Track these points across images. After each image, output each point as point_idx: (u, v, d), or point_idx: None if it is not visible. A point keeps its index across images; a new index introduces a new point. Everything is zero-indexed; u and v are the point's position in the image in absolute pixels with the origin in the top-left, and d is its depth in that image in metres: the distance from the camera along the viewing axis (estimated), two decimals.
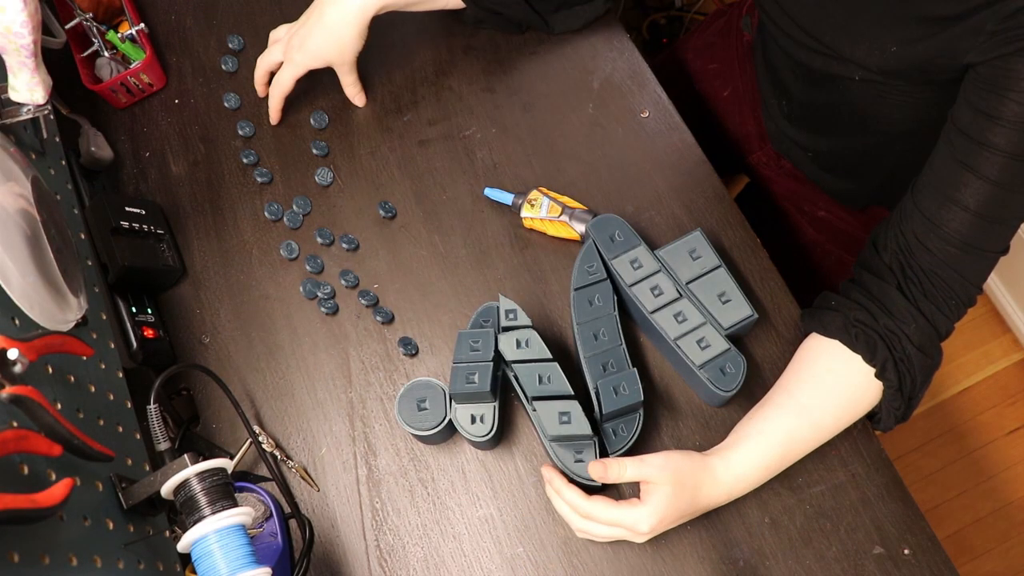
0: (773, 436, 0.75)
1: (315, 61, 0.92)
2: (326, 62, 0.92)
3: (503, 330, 0.78)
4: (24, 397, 0.55)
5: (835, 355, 0.75)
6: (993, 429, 1.77)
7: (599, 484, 0.75)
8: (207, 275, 0.93)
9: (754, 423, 0.75)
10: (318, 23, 0.90)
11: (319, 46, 0.91)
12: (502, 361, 0.79)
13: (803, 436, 0.75)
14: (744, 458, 0.74)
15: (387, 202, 0.93)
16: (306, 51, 0.91)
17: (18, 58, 0.74)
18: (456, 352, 0.78)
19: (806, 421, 0.75)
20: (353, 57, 0.93)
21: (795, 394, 0.76)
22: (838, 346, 0.75)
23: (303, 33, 0.91)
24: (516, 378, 0.78)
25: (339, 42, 0.90)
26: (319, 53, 0.91)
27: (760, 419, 0.75)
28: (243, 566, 0.63)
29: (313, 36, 0.90)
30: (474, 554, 0.80)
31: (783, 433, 0.75)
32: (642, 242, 0.83)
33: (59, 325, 0.67)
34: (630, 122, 0.95)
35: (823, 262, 1.08)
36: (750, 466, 0.74)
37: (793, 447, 0.75)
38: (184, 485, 0.66)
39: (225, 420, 0.87)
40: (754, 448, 0.74)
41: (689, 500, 0.72)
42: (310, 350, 0.89)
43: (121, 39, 0.98)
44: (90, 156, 0.94)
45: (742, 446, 0.74)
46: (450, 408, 0.79)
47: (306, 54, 0.91)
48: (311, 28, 0.90)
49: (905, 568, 0.76)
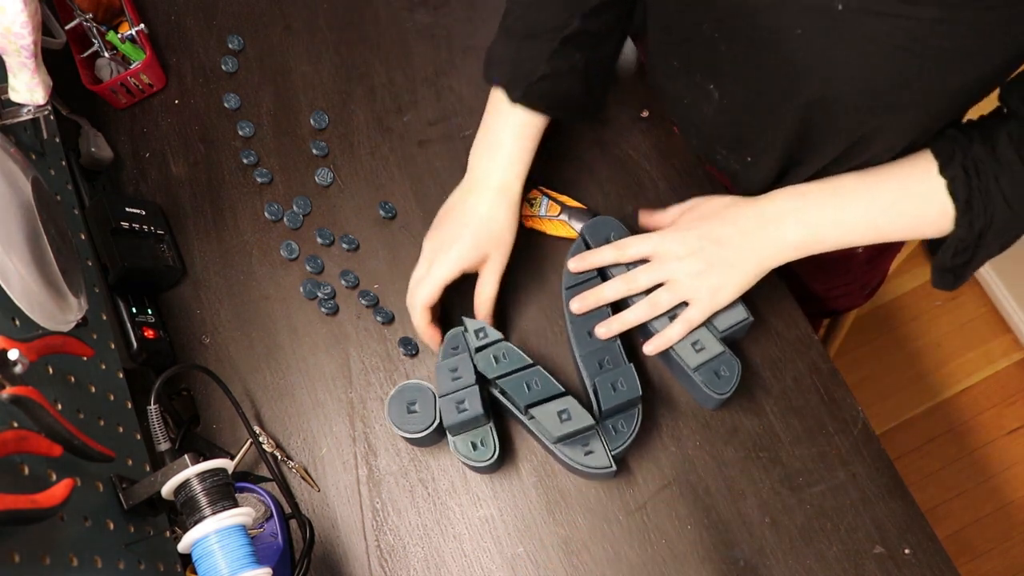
0: (826, 181, 0.71)
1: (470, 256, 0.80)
2: (482, 255, 0.81)
3: (477, 350, 0.79)
4: (24, 397, 0.55)
5: (918, 158, 0.70)
6: (993, 429, 1.77)
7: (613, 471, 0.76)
8: (207, 275, 0.93)
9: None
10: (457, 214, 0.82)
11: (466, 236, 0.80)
12: (486, 381, 0.79)
13: (856, 194, 0.71)
14: (788, 190, 0.72)
15: (387, 202, 0.93)
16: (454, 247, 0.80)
17: (18, 59, 0.74)
18: (439, 386, 0.78)
19: (865, 182, 0.71)
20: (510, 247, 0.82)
21: (866, 171, 0.72)
22: (925, 152, 0.69)
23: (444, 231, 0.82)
24: (503, 393, 0.78)
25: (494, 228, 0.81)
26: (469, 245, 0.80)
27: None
28: (244, 566, 0.63)
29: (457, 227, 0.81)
30: (474, 554, 0.80)
31: (837, 182, 0.71)
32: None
33: (59, 325, 0.67)
34: (630, 121, 0.95)
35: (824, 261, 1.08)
36: (792, 197, 0.71)
37: (844, 199, 0.71)
38: (185, 485, 0.66)
39: (225, 420, 0.87)
40: (801, 185, 0.72)
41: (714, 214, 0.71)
42: (310, 350, 0.89)
43: (121, 40, 0.98)
44: (90, 156, 0.94)
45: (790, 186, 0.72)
46: (448, 442, 0.79)
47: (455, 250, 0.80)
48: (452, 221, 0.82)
49: (906, 568, 0.76)
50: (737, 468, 0.80)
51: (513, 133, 0.80)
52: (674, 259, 0.75)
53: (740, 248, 0.73)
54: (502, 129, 0.81)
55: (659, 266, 0.76)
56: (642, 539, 0.79)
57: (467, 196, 0.82)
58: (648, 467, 0.81)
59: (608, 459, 0.76)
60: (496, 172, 0.81)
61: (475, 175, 0.82)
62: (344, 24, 1.03)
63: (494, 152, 0.81)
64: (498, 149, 0.81)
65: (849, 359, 1.80)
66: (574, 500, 0.80)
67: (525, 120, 0.80)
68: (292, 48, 1.02)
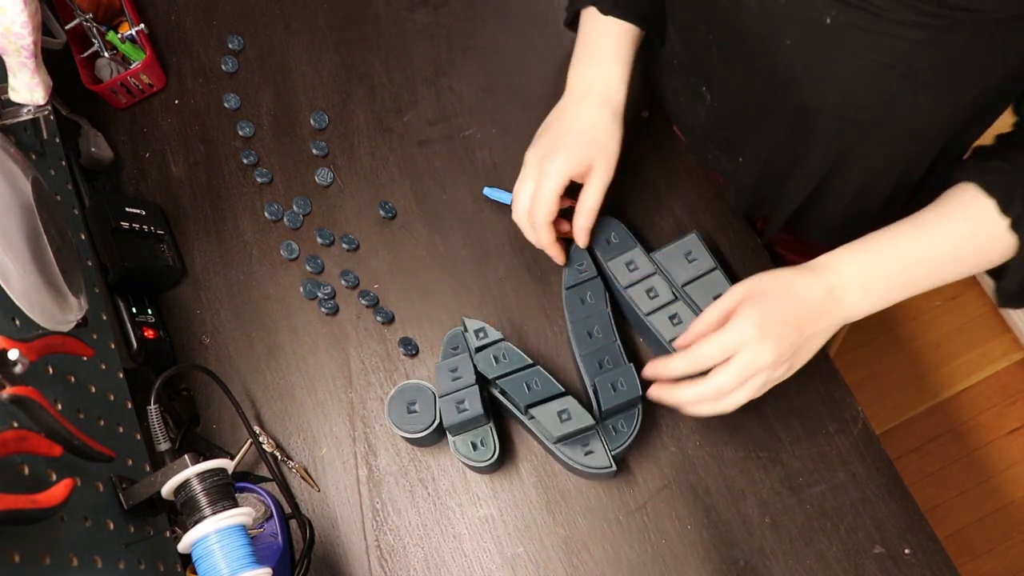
0: (880, 243, 0.67)
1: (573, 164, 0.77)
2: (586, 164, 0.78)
3: (477, 350, 0.79)
4: (24, 397, 0.55)
5: (968, 196, 0.66)
6: (993, 429, 1.77)
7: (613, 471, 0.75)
8: (207, 275, 0.93)
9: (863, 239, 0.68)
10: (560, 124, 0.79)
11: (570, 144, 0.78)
12: (486, 381, 0.79)
13: (917, 253, 0.66)
14: (845, 259, 0.66)
15: (387, 202, 0.93)
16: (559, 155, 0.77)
17: (18, 59, 0.74)
18: (438, 386, 0.78)
19: (922, 241, 0.66)
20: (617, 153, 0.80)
21: (912, 219, 0.67)
22: (972, 188, 0.65)
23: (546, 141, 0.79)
24: (503, 393, 0.78)
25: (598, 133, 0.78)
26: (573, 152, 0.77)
27: (872, 235, 0.68)
28: (244, 566, 0.63)
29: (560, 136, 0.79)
30: (474, 554, 0.80)
31: (893, 244, 0.66)
32: (638, 244, 0.83)
33: (59, 325, 0.67)
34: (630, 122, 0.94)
35: None
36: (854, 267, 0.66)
37: (906, 261, 0.67)
38: (185, 485, 0.66)
39: (225, 420, 0.87)
40: (857, 250, 0.66)
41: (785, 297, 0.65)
42: (310, 350, 0.89)
43: (121, 39, 0.98)
44: (90, 157, 0.94)
45: (843, 250, 0.67)
46: (448, 442, 0.79)
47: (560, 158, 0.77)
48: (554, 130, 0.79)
49: (906, 568, 0.76)
50: (737, 468, 0.80)
51: (610, 41, 0.79)
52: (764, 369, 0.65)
53: (816, 329, 0.67)
54: (598, 41, 0.79)
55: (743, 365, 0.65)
56: (642, 539, 0.79)
57: (568, 106, 0.80)
58: (648, 467, 0.81)
59: (608, 459, 0.76)
60: (597, 81, 0.79)
61: (575, 88, 0.81)
62: (344, 24, 1.03)
63: (592, 63, 0.80)
64: (596, 59, 0.79)
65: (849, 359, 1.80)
66: (574, 500, 0.80)
67: (619, 29, 0.79)
68: (292, 48, 1.02)
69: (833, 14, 0.57)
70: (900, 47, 0.56)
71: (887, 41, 0.56)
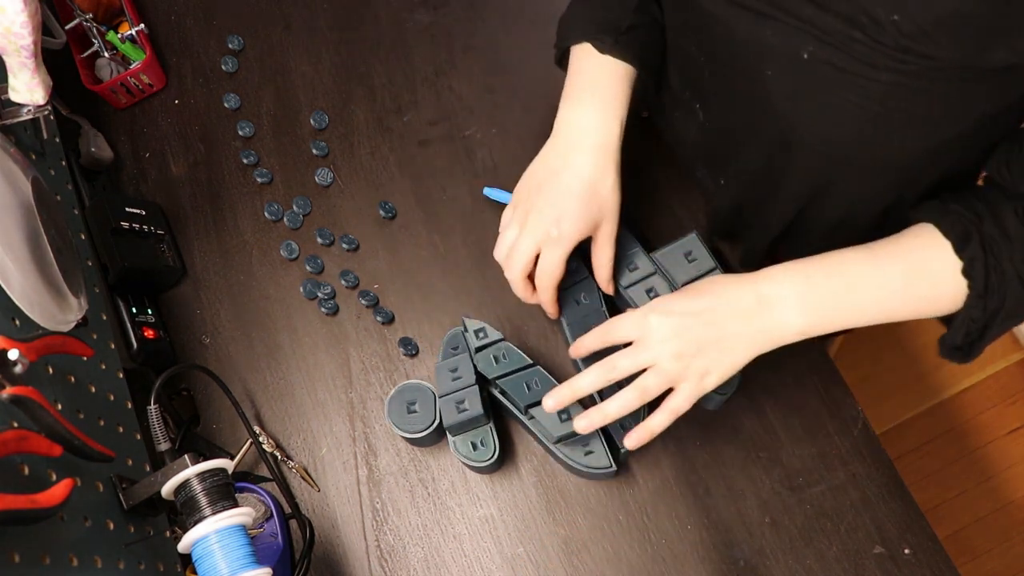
0: (827, 260, 0.65)
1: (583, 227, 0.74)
2: (594, 223, 0.75)
3: (477, 350, 0.79)
4: (24, 397, 0.55)
5: (924, 233, 0.64)
6: (993, 429, 1.77)
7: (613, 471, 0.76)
8: (207, 275, 0.93)
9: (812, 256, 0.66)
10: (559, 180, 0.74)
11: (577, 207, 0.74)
12: (486, 381, 0.79)
13: (863, 275, 0.64)
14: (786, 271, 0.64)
15: (387, 202, 0.93)
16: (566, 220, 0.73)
17: (18, 59, 0.74)
18: (439, 386, 0.78)
19: (871, 264, 0.64)
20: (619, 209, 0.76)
21: (866, 247, 0.66)
22: (929, 227, 0.64)
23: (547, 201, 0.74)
24: (503, 393, 0.78)
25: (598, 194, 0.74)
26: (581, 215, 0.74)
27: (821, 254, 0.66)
28: (244, 566, 0.63)
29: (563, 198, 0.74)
30: (474, 554, 0.80)
31: (840, 263, 0.64)
32: (638, 244, 0.83)
33: (59, 325, 0.67)
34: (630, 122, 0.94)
35: None
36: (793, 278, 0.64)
37: (850, 281, 0.64)
38: (185, 485, 0.66)
39: (225, 420, 0.87)
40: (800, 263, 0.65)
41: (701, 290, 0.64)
42: (310, 350, 0.89)
43: (121, 40, 0.98)
44: (90, 157, 0.94)
45: (787, 263, 0.65)
46: (448, 442, 0.79)
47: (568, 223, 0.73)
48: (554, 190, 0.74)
49: (906, 568, 0.76)
50: (737, 468, 0.80)
51: (609, 83, 0.75)
52: (658, 341, 0.65)
53: (732, 330, 0.65)
54: (594, 82, 0.75)
55: (642, 350, 0.66)
56: (642, 539, 0.79)
57: (565, 156, 0.74)
58: (648, 467, 0.81)
59: (608, 459, 0.76)
60: (594, 128, 0.74)
61: (569, 134, 0.75)
62: (344, 24, 1.03)
63: (588, 106, 0.75)
64: (592, 103, 0.75)
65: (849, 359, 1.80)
66: (574, 500, 0.80)
67: (616, 69, 0.75)
68: (292, 48, 1.02)
69: (811, 49, 0.57)
70: (872, 87, 0.56)
71: (860, 81, 0.57)
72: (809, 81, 0.59)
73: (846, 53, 0.56)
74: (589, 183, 0.73)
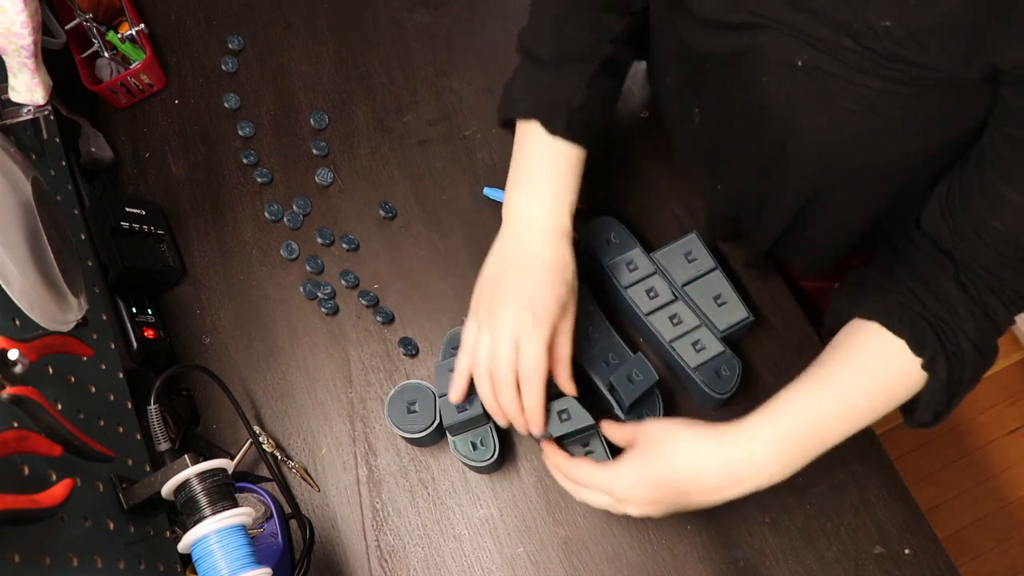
0: (791, 406, 0.65)
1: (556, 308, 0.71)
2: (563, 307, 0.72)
3: None
4: (24, 397, 0.55)
5: (872, 336, 0.65)
6: (993, 429, 1.77)
7: None
8: (207, 275, 0.93)
9: (774, 400, 0.66)
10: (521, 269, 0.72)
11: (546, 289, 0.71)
12: None
13: (829, 411, 0.65)
14: (757, 431, 0.65)
15: (387, 202, 0.93)
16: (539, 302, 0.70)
17: (18, 59, 0.74)
18: (438, 386, 0.77)
19: (834, 395, 0.65)
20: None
21: (821, 372, 0.66)
22: (875, 328, 0.65)
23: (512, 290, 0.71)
24: None
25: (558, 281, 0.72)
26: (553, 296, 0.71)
27: (781, 395, 0.66)
28: (243, 566, 0.63)
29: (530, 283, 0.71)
30: (474, 554, 0.80)
31: (803, 407, 0.65)
32: (638, 244, 0.83)
33: (59, 326, 0.67)
34: (630, 122, 0.95)
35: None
36: (765, 438, 0.64)
37: (819, 421, 0.65)
38: (184, 485, 0.66)
39: (225, 420, 0.87)
40: (769, 420, 0.65)
41: (675, 465, 0.65)
42: (310, 350, 0.89)
43: (121, 39, 0.98)
44: (90, 157, 0.94)
45: (754, 418, 0.65)
46: (448, 442, 0.78)
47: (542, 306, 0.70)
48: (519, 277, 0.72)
49: (906, 568, 0.76)
50: None
51: (558, 168, 0.73)
52: (630, 507, 0.67)
53: (699, 500, 0.66)
54: (545, 169, 0.73)
55: (613, 505, 0.67)
56: (642, 539, 0.79)
57: (523, 246, 0.73)
58: None
59: (608, 459, 0.76)
60: (546, 213, 0.73)
61: (522, 220, 0.74)
62: (344, 24, 1.03)
63: (540, 192, 0.73)
64: (545, 187, 0.73)
65: None
66: (574, 500, 0.80)
67: (568, 153, 0.73)
68: (292, 48, 1.02)
69: (804, 57, 0.58)
70: (864, 94, 0.57)
71: (852, 88, 0.57)
72: (804, 88, 0.60)
73: (839, 60, 0.56)
74: (552, 266, 0.71)
